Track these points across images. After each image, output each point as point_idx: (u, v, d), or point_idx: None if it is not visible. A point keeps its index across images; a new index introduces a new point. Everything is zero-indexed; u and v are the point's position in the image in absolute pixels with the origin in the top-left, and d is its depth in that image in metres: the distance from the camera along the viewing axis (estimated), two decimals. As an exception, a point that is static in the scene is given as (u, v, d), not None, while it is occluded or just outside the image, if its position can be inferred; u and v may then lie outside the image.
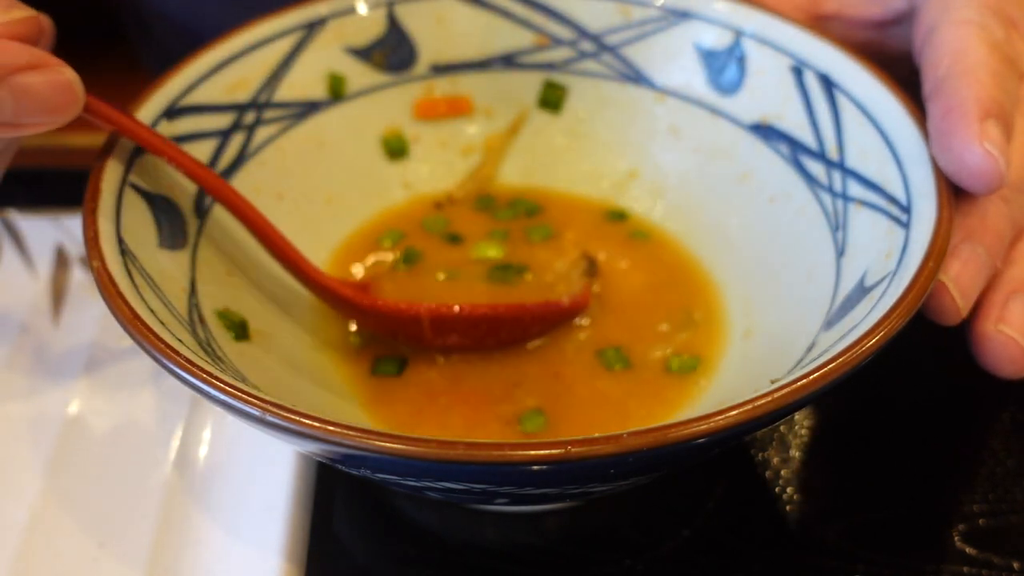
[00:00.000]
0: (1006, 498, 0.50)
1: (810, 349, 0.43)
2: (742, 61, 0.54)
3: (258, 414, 0.35)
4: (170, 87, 0.50)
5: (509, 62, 0.58)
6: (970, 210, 0.44)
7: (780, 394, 0.35)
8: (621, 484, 0.42)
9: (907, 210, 0.44)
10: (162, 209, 0.47)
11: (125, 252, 0.43)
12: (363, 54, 0.57)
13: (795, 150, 0.52)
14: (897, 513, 0.49)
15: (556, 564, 0.47)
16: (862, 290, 0.43)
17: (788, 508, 0.50)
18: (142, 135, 0.46)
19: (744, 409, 0.35)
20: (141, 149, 0.47)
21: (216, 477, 0.48)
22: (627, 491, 0.48)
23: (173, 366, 0.37)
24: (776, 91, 0.53)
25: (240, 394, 0.36)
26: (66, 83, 0.42)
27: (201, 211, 0.49)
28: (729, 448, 0.51)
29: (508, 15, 0.58)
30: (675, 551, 0.48)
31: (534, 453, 0.34)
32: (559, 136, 0.59)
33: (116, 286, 0.40)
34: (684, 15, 0.55)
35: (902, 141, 0.46)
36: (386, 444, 0.34)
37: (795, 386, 0.36)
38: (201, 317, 0.45)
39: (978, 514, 0.49)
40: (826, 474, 0.52)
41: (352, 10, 0.56)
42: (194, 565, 0.45)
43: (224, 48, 0.52)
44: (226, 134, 0.52)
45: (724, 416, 0.35)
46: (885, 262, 0.43)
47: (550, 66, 0.58)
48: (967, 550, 0.47)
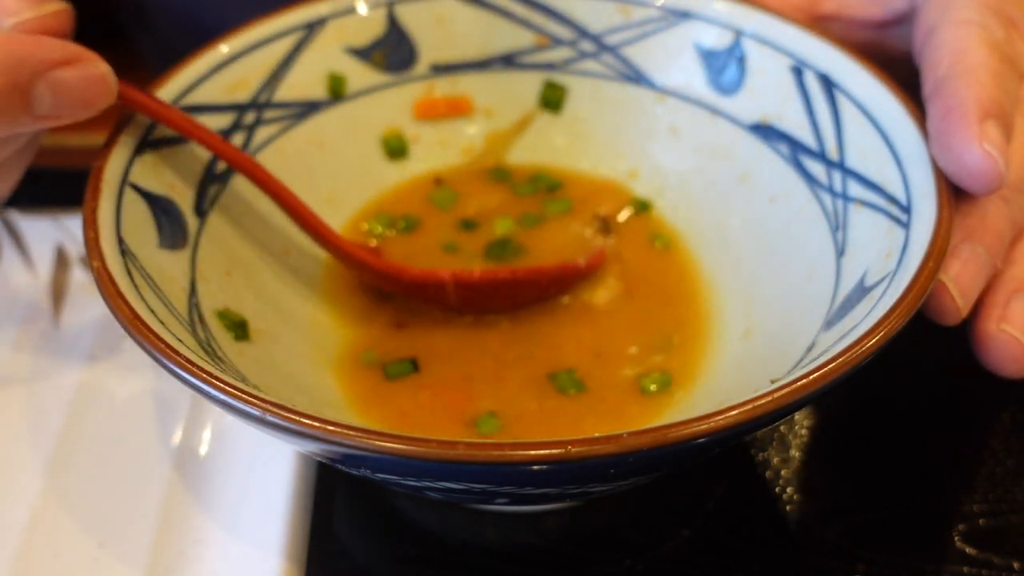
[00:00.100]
0: (1006, 498, 0.50)
1: (810, 349, 0.43)
2: (742, 61, 0.54)
3: (258, 414, 0.35)
4: (170, 87, 0.50)
5: (509, 62, 0.58)
6: (970, 210, 0.45)
7: (780, 394, 0.35)
8: (621, 484, 0.42)
9: (907, 210, 0.44)
10: (162, 209, 0.47)
11: (125, 252, 0.43)
12: (363, 54, 0.57)
13: (795, 150, 0.52)
14: (897, 513, 0.49)
15: (556, 564, 0.47)
16: (862, 290, 0.43)
17: (788, 508, 0.50)
18: (174, 118, 0.47)
19: (744, 409, 0.35)
20: (141, 148, 0.47)
21: (216, 477, 0.48)
22: (627, 491, 0.48)
23: (173, 366, 0.37)
24: (776, 91, 0.53)
25: (240, 394, 0.36)
26: (100, 76, 0.44)
27: (201, 211, 0.49)
28: (729, 448, 0.51)
29: (508, 15, 0.58)
30: (675, 551, 0.48)
31: (534, 453, 0.34)
32: (559, 136, 0.59)
33: (116, 286, 0.40)
34: (684, 15, 0.55)
35: (902, 141, 0.46)
36: (386, 444, 0.34)
37: (795, 386, 0.36)
38: (201, 317, 0.45)
39: (978, 514, 0.49)
40: (826, 474, 0.52)
41: (352, 10, 0.56)
42: (194, 565, 0.45)
43: (224, 48, 0.52)
44: (226, 134, 0.52)
45: (724, 416, 0.35)
46: (885, 262, 0.43)
47: (550, 66, 0.58)
48: (967, 550, 0.47)
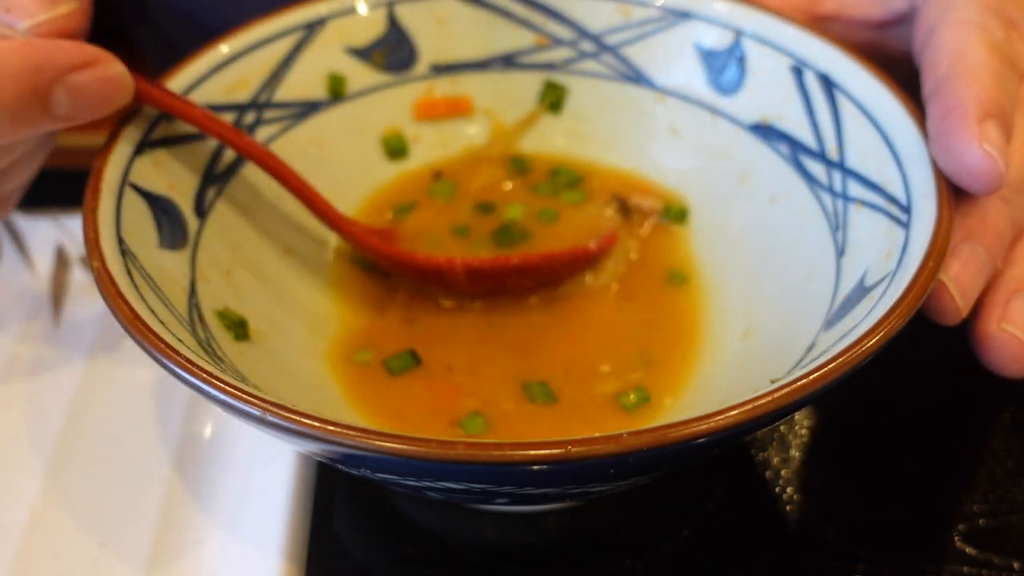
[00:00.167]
0: (1006, 498, 0.50)
1: (810, 349, 0.43)
2: (742, 61, 0.54)
3: (258, 414, 0.35)
4: (170, 87, 0.50)
5: (509, 62, 0.58)
6: (970, 210, 0.45)
7: (780, 394, 0.35)
8: (621, 484, 0.42)
9: (907, 210, 0.44)
10: (162, 209, 0.47)
11: (125, 252, 0.43)
12: (363, 54, 0.57)
13: (795, 150, 0.52)
14: (897, 513, 0.49)
15: (556, 564, 0.47)
16: (862, 290, 0.43)
17: (788, 508, 0.50)
18: (191, 113, 0.48)
19: (744, 409, 0.35)
20: (141, 148, 0.47)
21: (216, 477, 0.48)
22: (627, 491, 0.48)
23: (173, 366, 0.37)
24: (776, 91, 0.53)
25: (240, 394, 0.36)
26: (116, 77, 0.44)
27: (201, 211, 0.49)
28: (729, 448, 0.51)
29: (508, 15, 0.58)
30: (675, 551, 0.48)
31: (534, 453, 0.34)
32: (559, 136, 0.59)
33: (116, 286, 0.40)
34: (684, 15, 0.55)
35: (902, 141, 0.46)
36: (386, 444, 0.34)
37: (795, 386, 0.36)
38: (201, 317, 0.45)
39: (978, 514, 0.49)
40: (826, 474, 0.52)
41: (352, 10, 0.56)
42: (194, 565, 0.45)
43: (224, 48, 0.52)
44: (226, 134, 0.52)
45: (724, 416, 0.35)
46: (885, 262, 0.43)
47: (550, 66, 0.58)
48: (967, 550, 0.47)
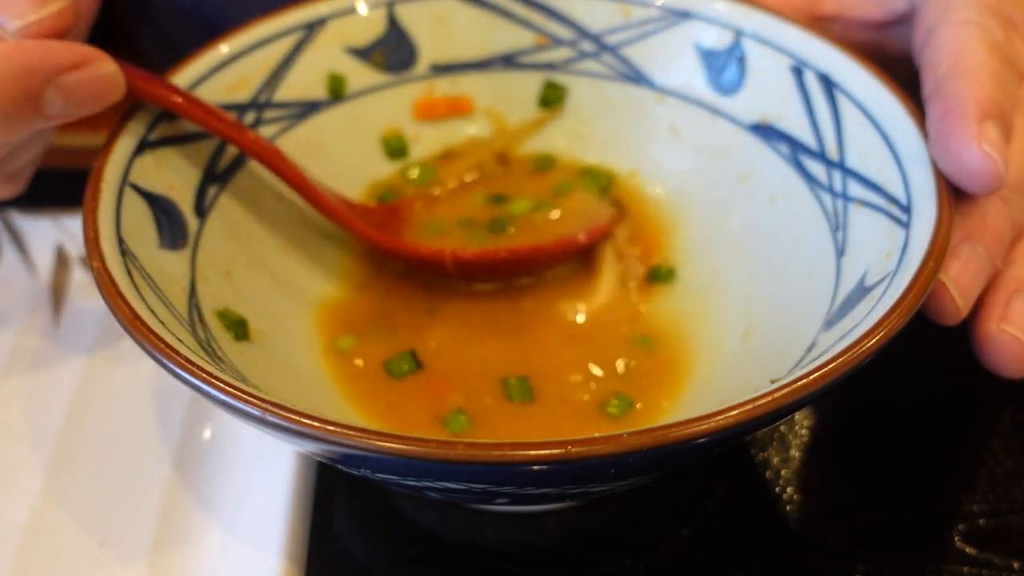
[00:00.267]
0: (1006, 498, 0.50)
1: (810, 349, 0.43)
2: (742, 61, 0.54)
3: (258, 414, 0.35)
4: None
5: (509, 62, 0.58)
6: (970, 210, 0.44)
7: (780, 394, 0.35)
8: (621, 484, 0.42)
9: (907, 210, 0.44)
10: (162, 209, 0.47)
11: (125, 252, 0.43)
12: (363, 54, 0.57)
13: (795, 150, 0.52)
14: (897, 513, 0.49)
15: (556, 564, 0.47)
16: (862, 290, 0.43)
17: (788, 508, 0.50)
18: (187, 106, 0.48)
19: (744, 409, 0.35)
20: (141, 148, 0.47)
21: (216, 477, 0.48)
22: (627, 491, 0.48)
23: (173, 366, 0.37)
24: (776, 91, 0.53)
25: (240, 394, 0.36)
26: (108, 76, 0.45)
27: (201, 211, 0.49)
28: (729, 448, 0.51)
29: (508, 15, 0.58)
30: (675, 551, 0.48)
31: (534, 453, 0.34)
32: (559, 136, 0.59)
33: (116, 286, 0.40)
34: (684, 15, 0.55)
35: (902, 141, 0.46)
36: (386, 444, 0.34)
37: (795, 386, 0.36)
38: (201, 317, 0.45)
39: (978, 514, 0.49)
40: (826, 474, 0.52)
41: (352, 10, 0.56)
42: (194, 565, 0.45)
43: (224, 48, 0.52)
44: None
45: (724, 416, 0.35)
46: (885, 262, 0.43)
47: (550, 66, 0.58)
48: (967, 550, 0.47)
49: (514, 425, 0.48)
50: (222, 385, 0.36)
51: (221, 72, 0.52)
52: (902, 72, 0.49)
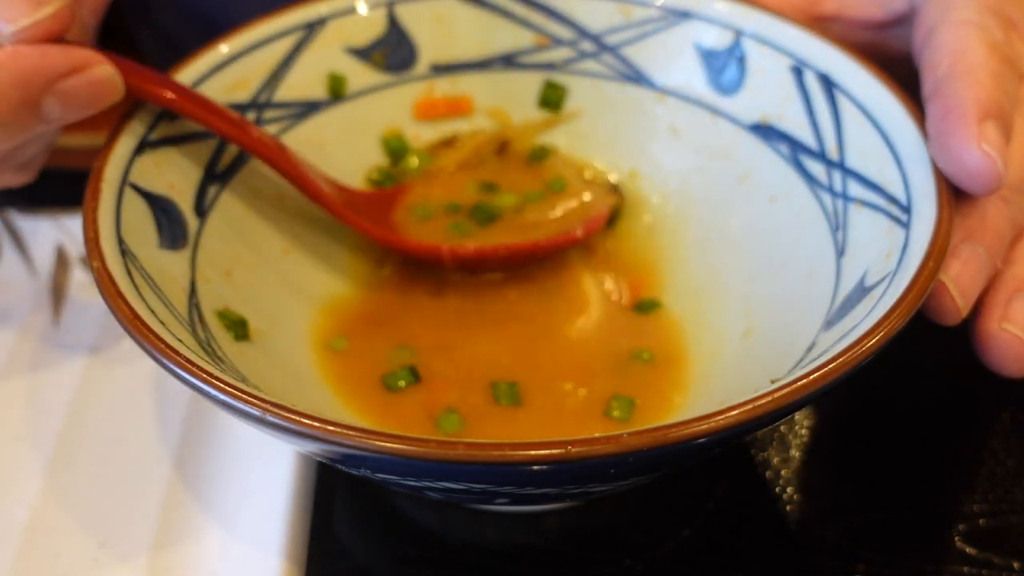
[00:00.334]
0: (1006, 498, 0.50)
1: (810, 349, 0.43)
2: (742, 61, 0.54)
3: (258, 414, 0.35)
4: (170, 87, 0.50)
5: (509, 62, 0.58)
6: (970, 210, 0.44)
7: (780, 394, 0.35)
8: (621, 484, 0.42)
9: (907, 210, 0.44)
10: (162, 209, 0.47)
11: (125, 252, 0.43)
12: (363, 54, 0.57)
13: (795, 150, 0.52)
14: (897, 513, 0.49)
15: (556, 564, 0.47)
16: (862, 290, 0.43)
17: (788, 508, 0.50)
18: (194, 106, 0.48)
19: (744, 409, 0.35)
20: (141, 148, 0.47)
21: (216, 477, 0.48)
22: (627, 491, 0.48)
23: (173, 366, 0.37)
24: (776, 91, 0.53)
25: (240, 394, 0.36)
26: (105, 79, 0.45)
27: (201, 211, 0.49)
28: (729, 448, 0.51)
29: (508, 15, 0.58)
30: (675, 551, 0.48)
31: (534, 453, 0.34)
32: (559, 136, 0.59)
33: (116, 286, 0.40)
34: (684, 15, 0.55)
35: (902, 141, 0.46)
36: (386, 444, 0.34)
37: (795, 386, 0.36)
38: (201, 317, 0.45)
39: (978, 514, 0.49)
40: (826, 474, 0.52)
41: (352, 10, 0.56)
42: (194, 565, 0.45)
43: (224, 48, 0.52)
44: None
45: (724, 416, 0.35)
46: (885, 262, 0.43)
47: (550, 66, 0.58)
48: (967, 550, 0.47)
49: (508, 427, 0.48)
50: (222, 385, 0.36)
51: (221, 72, 0.52)
52: (902, 72, 0.49)
